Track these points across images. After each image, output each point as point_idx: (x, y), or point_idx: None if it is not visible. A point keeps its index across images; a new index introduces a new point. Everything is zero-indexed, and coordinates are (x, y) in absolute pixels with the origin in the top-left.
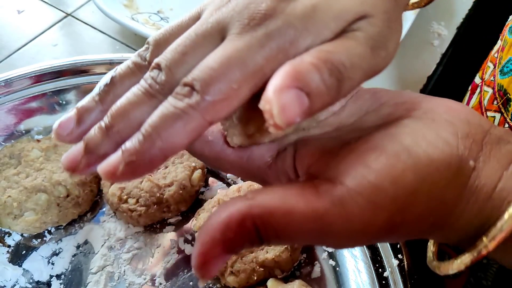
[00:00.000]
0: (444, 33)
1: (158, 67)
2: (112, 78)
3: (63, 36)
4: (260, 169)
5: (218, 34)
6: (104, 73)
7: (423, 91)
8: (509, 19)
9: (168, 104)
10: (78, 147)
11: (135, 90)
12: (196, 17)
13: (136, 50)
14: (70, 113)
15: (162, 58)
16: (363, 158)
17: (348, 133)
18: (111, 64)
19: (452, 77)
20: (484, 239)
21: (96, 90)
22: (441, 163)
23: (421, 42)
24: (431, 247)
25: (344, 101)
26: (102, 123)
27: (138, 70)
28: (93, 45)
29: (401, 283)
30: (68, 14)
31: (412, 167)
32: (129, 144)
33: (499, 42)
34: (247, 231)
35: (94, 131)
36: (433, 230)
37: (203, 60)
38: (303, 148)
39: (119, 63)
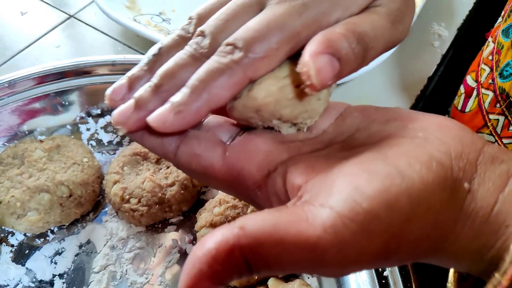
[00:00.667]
0: (444, 34)
1: (202, 33)
2: (160, 49)
3: (65, 37)
4: (250, 190)
5: (257, 4)
6: (107, 74)
7: (424, 92)
8: (497, 22)
9: (213, 61)
10: (128, 104)
11: (181, 54)
12: None
13: (138, 52)
14: (121, 80)
15: (206, 26)
16: (356, 182)
17: (339, 151)
18: (113, 65)
19: (452, 78)
20: (497, 275)
21: (144, 60)
22: (436, 186)
23: (422, 43)
24: (449, 286)
25: (333, 119)
26: (151, 83)
27: (183, 41)
28: (96, 46)
29: (401, 282)
30: (70, 16)
31: (407, 192)
32: (177, 96)
33: (491, 44)
34: (236, 262)
35: (143, 90)
36: (428, 255)
37: (245, 24)
38: (293, 167)
39: (121, 64)
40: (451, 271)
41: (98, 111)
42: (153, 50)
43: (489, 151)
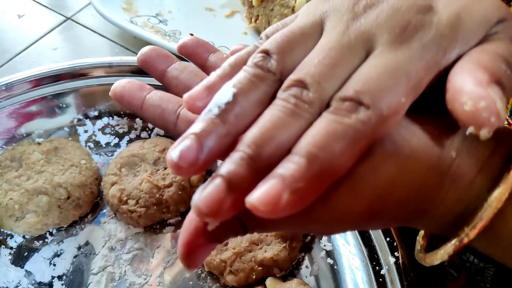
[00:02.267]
0: None
1: (302, 83)
2: (235, 95)
3: (63, 40)
4: None
5: (363, 45)
6: (103, 76)
7: None
8: None
9: (330, 121)
10: (217, 186)
11: (275, 112)
12: (319, 25)
13: (135, 53)
14: (186, 141)
15: (307, 73)
16: None
17: None
18: (110, 67)
19: None
20: (465, 228)
21: (213, 110)
22: (422, 153)
23: None
24: (420, 240)
25: None
26: (243, 154)
27: (261, 81)
28: (93, 48)
29: (398, 281)
30: (68, 18)
31: (394, 156)
32: (289, 169)
33: None
34: (230, 221)
35: (233, 163)
36: (413, 218)
37: (359, 72)
38: None
39: (118, 66)
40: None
41: (96, 113)
42: (225, 97)
43: None
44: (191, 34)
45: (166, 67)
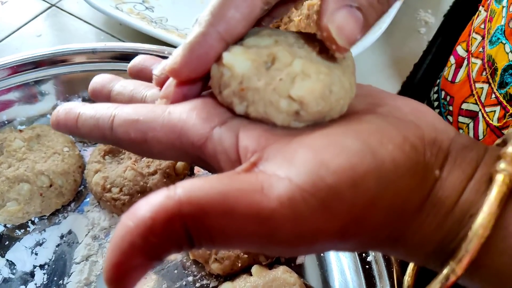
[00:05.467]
0: (431, 21)
1: None
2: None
3: (47, 27)
4: (195, 146)
5: None
6: (86, 63)
7: (410, 78)
8: None
9: None
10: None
11: None
12: None
13: (121, 40)
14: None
15: None
16: (321, 155)
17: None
18: (94, 53)
19: (439, 65)
20: (451, 262)
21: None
22: (407, 170)
23: (408, 30)
24: (407, 280)
25: None
26: None
27: None
28: (78, 35)
29: (384, 267)
30: (52, 5)
31: (376, 172)
32: None
33: (483, 13)
34: (175, 234)
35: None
36: (387, 245)
37: None
38: (248, 128)
39: (102, 52)
40: (411, 264)
41: (79, 100)
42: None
43: (460, 140)
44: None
45: (112, 87)
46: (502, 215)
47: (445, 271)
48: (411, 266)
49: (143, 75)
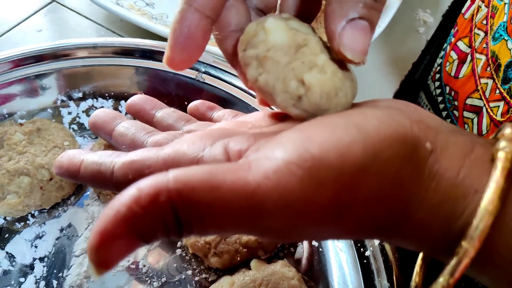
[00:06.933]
0: (429, 20)
1: None
2: None
3: (48, 22)
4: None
5: None
6: (88, 57)
7: (408, 77)
8: None
9: None
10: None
11: None
12: None
13: (121, 36)
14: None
15: None
16: (307, 133)
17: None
18: (95, 48)
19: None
20: (463, 242)
21: None
22: (394, 140)
23: (407, 29)
24: (415, 278)
25: None
26: None
27: None
28: (78, 31)
29: (382, 262)
30: (53, 0)
31: (362, 141)
32: None
33: (484, 9)
34: (161, 209)
35: None
36: (390, 223)
37: None
38: (237, 137)
39: (104, 47)
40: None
41: (80, 95)
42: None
43: (448, 126)
44: (141, 93)
45: (114, 127)
46: (509, 193)
47: (457, 254)
48: (418, 264)
49: (140, 116)
